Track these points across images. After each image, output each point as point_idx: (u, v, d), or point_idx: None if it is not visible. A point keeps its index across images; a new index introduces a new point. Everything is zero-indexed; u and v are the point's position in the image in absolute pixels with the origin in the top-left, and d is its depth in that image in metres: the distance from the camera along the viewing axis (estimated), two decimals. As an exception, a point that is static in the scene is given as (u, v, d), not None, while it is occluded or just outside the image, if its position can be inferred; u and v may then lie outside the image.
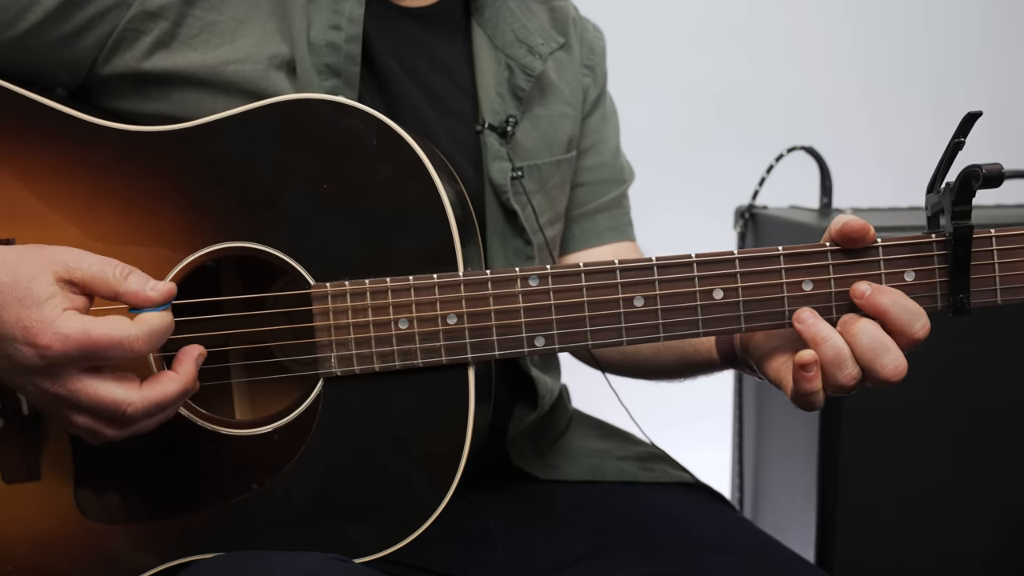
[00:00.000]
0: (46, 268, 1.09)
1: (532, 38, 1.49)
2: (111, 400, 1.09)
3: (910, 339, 1.15)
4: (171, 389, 1.13)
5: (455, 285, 1.20)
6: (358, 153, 1.20)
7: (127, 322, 1.08)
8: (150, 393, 1.11)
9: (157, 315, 1.11)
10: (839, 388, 1.16)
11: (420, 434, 1.22)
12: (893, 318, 1.15)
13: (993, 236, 1.17)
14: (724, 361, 1.38)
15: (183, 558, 1.23)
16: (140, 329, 1.08)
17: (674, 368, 1.51)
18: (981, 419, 1.98)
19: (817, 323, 1.17)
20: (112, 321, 1.08)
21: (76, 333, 1.06)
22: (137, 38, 1.29)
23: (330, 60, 1.31)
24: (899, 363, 1.15)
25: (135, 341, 1.08)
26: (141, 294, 1.11)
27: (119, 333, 1.07)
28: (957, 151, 1.15)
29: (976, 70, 3.28)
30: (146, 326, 1.09)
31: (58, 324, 1.06)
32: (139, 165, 1.22)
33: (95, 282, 1.10)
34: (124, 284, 1.10)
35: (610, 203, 1.68)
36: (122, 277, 1.11)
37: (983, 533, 2.00)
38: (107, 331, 1.07)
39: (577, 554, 1.42)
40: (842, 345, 1.15)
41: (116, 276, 1.10)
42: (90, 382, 1.09)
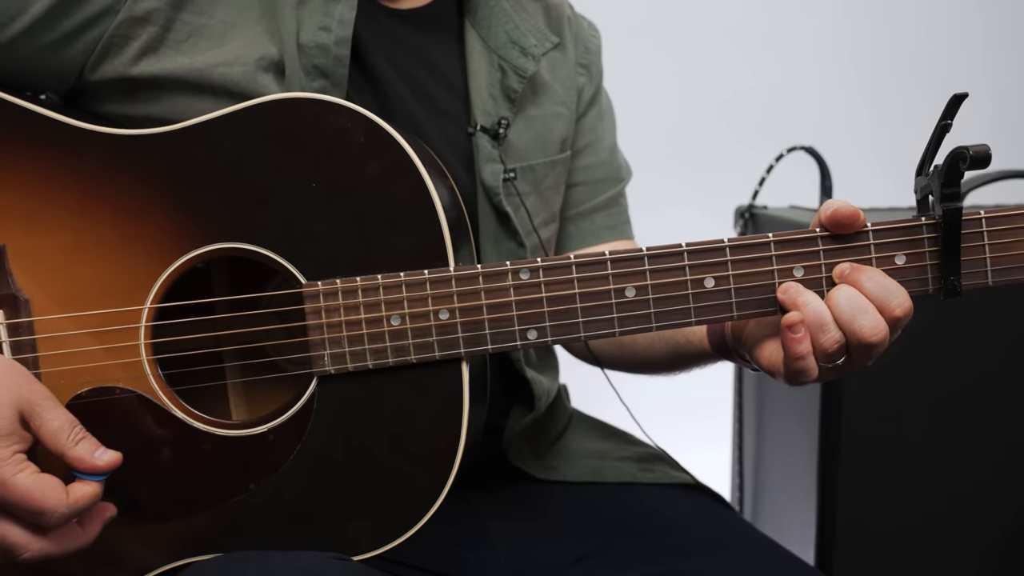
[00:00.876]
0: (13, 401, 1.12)
1: (525, 39, 1.48)
2: (11, 542, 1.12)
3: (889, 316, 1.15)
4: (70, 545, 1.16)
5: (446, 280, 1.20)
6: (347, 151, 1.20)
7: (61, 495, 1.11)
8: (49, 547, 1.14)
9: (90, 489, 1.14)
10: (825, 354, 1.15)
11: (415, 430, 1.22)
12: (869, 294, 1.15)
13: (983, 217, 1.16)
14: (716, 352, 1.37)
15: (181, 560, 1.23)
16: (68, 508, 1.12)
17: (667, 360, 1.51)
18: (981, 419, 1.98)
19: (799, 290, 1.17)
20: (50, 488, 1.11)
21: (16, 486, 1.10)
22: (126, 43, 1.29)
23: (318, 61, 1.31)
24: (877, 323, 1.14)
25: (59, 516, 1.12)
26: (87, 461, 1.14)
27: (49, 505, 1.11)
28: (944, 133, 1.15)
29: (976, 70, 3.28)
30: (75, 506, 1.13)
31: (3, 468, 1.10)
32: (129, 168, 1.22)
33: (48, 436, 1.13)
34: (73, 450, 1.14)
35: (607, 202, 1.67)
36: (73, 442, 1.14)
37: (983, 533, 2.00)
38: (41, 497, 1.10)
39: (576, 555, 1.41)
40: (823, 309, 1.15)
41: (68, 440, 1.14)
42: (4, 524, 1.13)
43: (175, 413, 1.22)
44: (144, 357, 1.21)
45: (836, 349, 1.15)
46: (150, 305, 1.22)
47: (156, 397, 1.22)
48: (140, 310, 1.22)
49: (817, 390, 1.95)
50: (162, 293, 1.22)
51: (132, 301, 1.22)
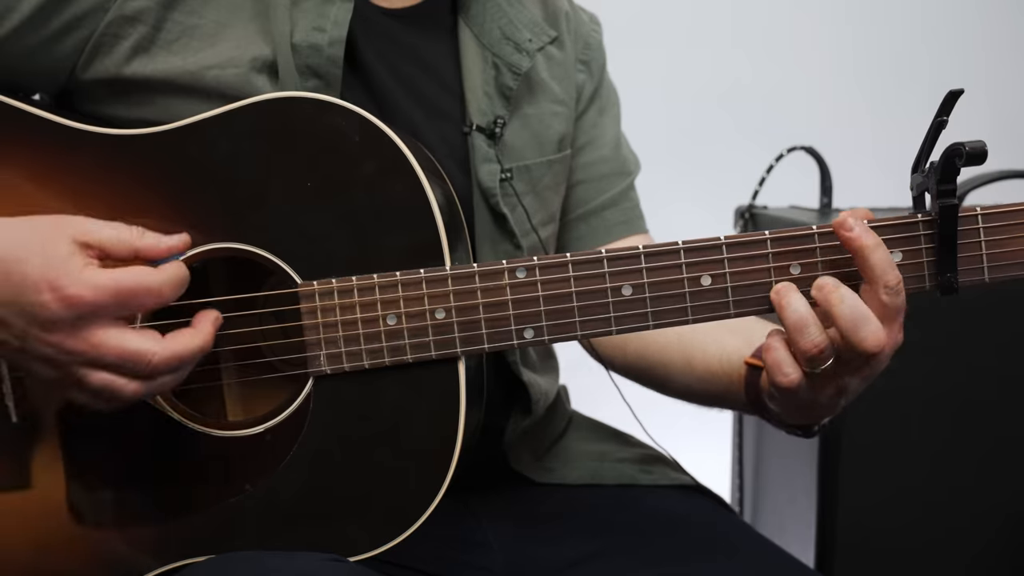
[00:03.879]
0: (63, 231, 1.12)
1: (519, 34, 1.46)
2: (134, 350, 1.12)
3: (884, 285, 1.13)
4: (192, 343, 1.16)
5: (442, 279, 1.19)
6: (342, 150, 1.20)
7: (151, 270, 1.13)
8: (172, 345, 1.14)
9: (176, 264, 1.16)
10: (806, 357, 1.14)
11: (412, 430, 1.21)
12: (872, 262, 1.14)
13: (979, 214, 1.16)
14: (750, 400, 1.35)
15: (178, 561, 1.22)
16: (166, 276, 1.14)
17: (704, 396, 1.51)
18: (980, 419, 1.98)
19: (789, 292, 1.16)
20: (138, 270, 1.13)
21: (106, 282, 1.10)
22: (116, 43, 1.29)
23: (312, 61, 1.31)
24: (879, 335, 1.13)
25: (162, 286, 1.13)
26: (161, 244, 1.16)
27: (147, 280, 1.12)
28: (940, 130, 1.15)
29: (976, 70, 3.27)
30: (169, 274, 1.14)
31: (86, 275, 1.10)
32: (123, 168, 1.22)
33: (111, 243, 1.14)
34: (142, 240, 1.15)
35: (617, 196, 1.64)
36: (139, 235, 1.15)
37: (982, 532, 2.00)
38: (136, 278, 1.12)
39: (575, 558, 1.41)
40: (806, 311, 1.14)
41: (132, 235, 1.15)
42: (114, 333, 1.12)
43: (171, 414, 1.22)
44: None
45: (817, 352, 1.14)
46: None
47: (152, 398, 1.21)
48: (135, 311, 1.21)
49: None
50: (158, 293, 1.21)
51: (128, 302, 1.21)
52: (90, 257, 1.12)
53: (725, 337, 1.41)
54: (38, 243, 1.10)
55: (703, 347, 1.44)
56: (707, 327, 1.39)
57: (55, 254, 1.10)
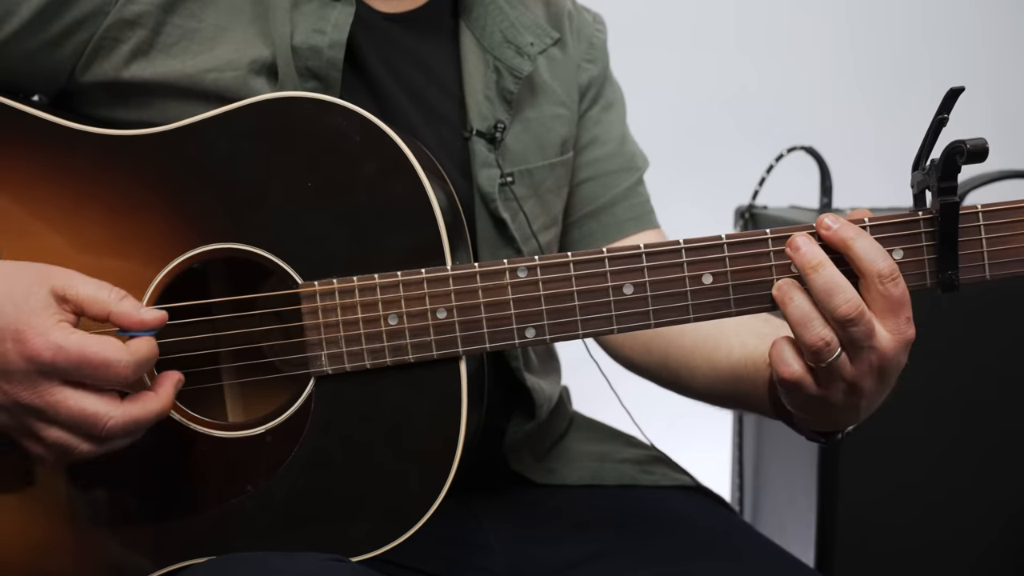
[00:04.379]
0: (44, 281, 1.10)
1: (521, 37, 1.46)
2: (92, 412, 1.09)
3: (877, 275, 1.13)
4: (151, 408, 1.13)
5: (443, 279, 1.19)
6: (342, 150, 1.20)
7: (120, 346, 1.09)
8: (130, 409, 1.12)
9: (147, 342, 1.12)
10: (811, 352, 1.14)
11: (414, 431, 1.21)
12: (857, 252, 1.14)
13: (980, 211, 1.16)
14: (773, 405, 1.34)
15: (179, 562, 1.22)
16: (131, 356, 1.09)
17: (729, 399, 1.50)
18: (980, 420, 1.98)
19: (791, 288, 1.16)
20: (107, 342, 1.09)
21: (71, 346, 1.07)
22: (115, 46, 1.29)
23: (312, 64, 1.31)
24: (852, 300, 1.12)
25: (125, 367, 1.09)
26: (134, 316, 1.12)
27: (112, 355, 1.08)
28: (941, 128, 1.14)
29: (976, 70, 3.27)
30: (137, 354, 1.10)
31: (53, 333, 1.07)
32: (122, 169, 1.22)
33: (89, 301, 1.11)
34: (118, 306, 1.11)
35: (626, 192, 1.63)
36: (117, 299, 1.12)
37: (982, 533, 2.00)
38: (100, 350, 1.08)
39: (576, 558, 1.40)
40: (808, 307, 1.14)
41: (111, 298, 1.12)
42: (72, 393, 1.09)
43: (172, 415, 1.21)
44: None
45: (821, 345, 1.13)
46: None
47: None
48: (136, 311, 1.21)
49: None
50: (158, 294, 1.22)
51: (128, 303, 1.21)
52: (65, 311, 1.10)
53: (751, 341, 1.40)
54: (15, 291, 1.09)
55: (728, 351, 1.43)
56: (732, 330, 1.40)
57: (29, 305, 1.08)
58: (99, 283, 1.12)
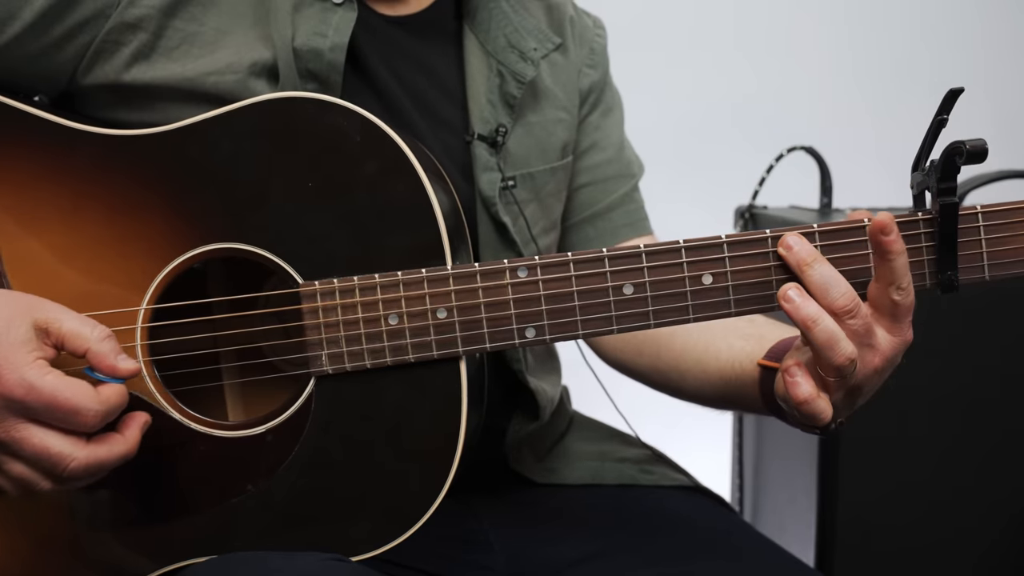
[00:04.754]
0: (25, 314, 1.11)
1: (524, 42, 1.46)
2: (56, 452, 1.10)
3: (897, 287, 1.14)
4: (115, 451, 1.14)
5: (444, 279, 1.19)
6: (343, 150, 1.20)
7: (91, 394, 1.10)
8: (94, 452, 1.12)
9: (117, 392, 1.12)
10: (836, 369, 1.14)
11: (414, 430, 1.21)
12: (895, 264, 1.14)
13: (979, 212, 1.16)
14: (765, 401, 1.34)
15: (179, 562, 1.23)
16: (100, 405, 1.10)
17: (719, 400, 1.49)
18: (980, 419, 1.98)
19: (806, 303, 1.15)
20: (79, 388, 1.10)
21: (43, 388, 1.08)
22: (116, 50, 1.29)
23: (313, 66, 1.31)
24: (848, 291, 1.14)
25: (93, 416, 1.10)
26: (109, 360, 1.12)
27: (81, 403, 1.09)
28: (940, 129, 1.15)
29: (976, 70, 3.27)
30: (107, 403, 1.11)
31: (28, 371, 1.08)
32: (123, 169, 1.22)
33: (70, 336, 1.12)
34: (98, 345, 1.12)
35: (622, 199, 1.64)
36: (98, 338, 1.12)
37: (982, 533, 2.00)
38: (71, 396, 1.09)
39: (576, 558, 1.41)
40: (834, 327, 1.13)
41: (92, 335, 1.12)
42: (37, 431, 1.10)
43: (172, 415, 1.22)
44: (140, 358, 1.20)
45: (848, 363, 1.14)
46: (146, 306, 1.21)
47: (153, 399, 1.21)
48: (136, 311, 1.22)
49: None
50: (158, 294, 1.22)
51: (128, 302, 1.22)
52: (46, 345, 1.11)
53: (737, 342, 1.40)
54: None
55: (716, 353, 1.43)
56: (720, 332, 1.40)
57: (8, 338, 1.08)
58: (84, 319, 1.13)
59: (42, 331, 1.11)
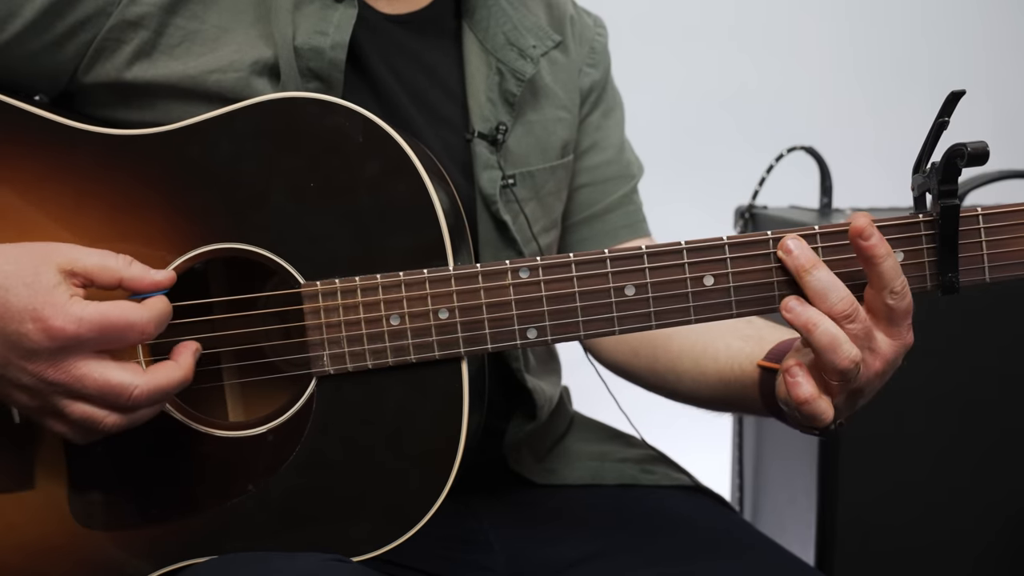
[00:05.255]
0: (49, 259, 1.12)
1: (524, 40, 1.46)
2: (117, 383, 1.11)
3: (890, 291, 1.14)
4: (174, 376, 1.16)
5: (446, 279, 1.20)
6: (344, 151, 1.20)
7: (137, 306, 1.13)
8: (154, 378, 1.14)
9: (161, 300, 1.15)
10: (840, 372, 1.14)
11: (415, 431, 1.21)
12: (882, 268, 1.14)
13: (980, 214, 1.17)
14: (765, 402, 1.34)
15: (180, 562, 1.22)
16: (151, 313, 1.13)
17: (713, 398, 1.49)
18: (979, 419, 1.98)
19: (806, 310, 1.15)
20: (124, 305, 1.12)
21: (91, 315, 1.10)
22: (117, 47, 1.29)
23: (314, 64, 1.31)
24: (847, 296, 1.15)
25: (147, 324, 1.13)
26: (147, 278, 1.15)
27: (133, 316, 1.12)
28: (942, 131, 1.15)
29: (976, 70, 3.28)
30: (154, 311, 1.14)
31: (71, 307, 1.09)
32: (124, 169, 1.22)
33: (98, 270, 1.13)
34: (128, 271, 1.14)
35: (620, 200, 1.64)
36: (125, 265, 1.14)
37: (982, 532, 2.00)
38: (122, 313, 1.11)
39: (576, 558, 1.41)
40: (835, 330, 1.14)
41: (119, 264, 1.14)
42: (96, 365, 1.11)
43: (173, 414, 1.22)
44: (141, 358, 1.20)
45: (852, 366, 1.14)
46: None
47: None
48: (138, 311, 1.21)
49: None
50: (160, 294, 1.22)
51: (130, 302, 1.22)
52: (75, 286, 1.12)
53: (736, 343, 1.40)
54: (24, 272, 1.10)
55: (715, 355, 1.43)
56: (718, 333, 1.40)
57: (41, 284, 1.09)
58: (103, 252, 1.15)
59: (68, 273, 1.12)
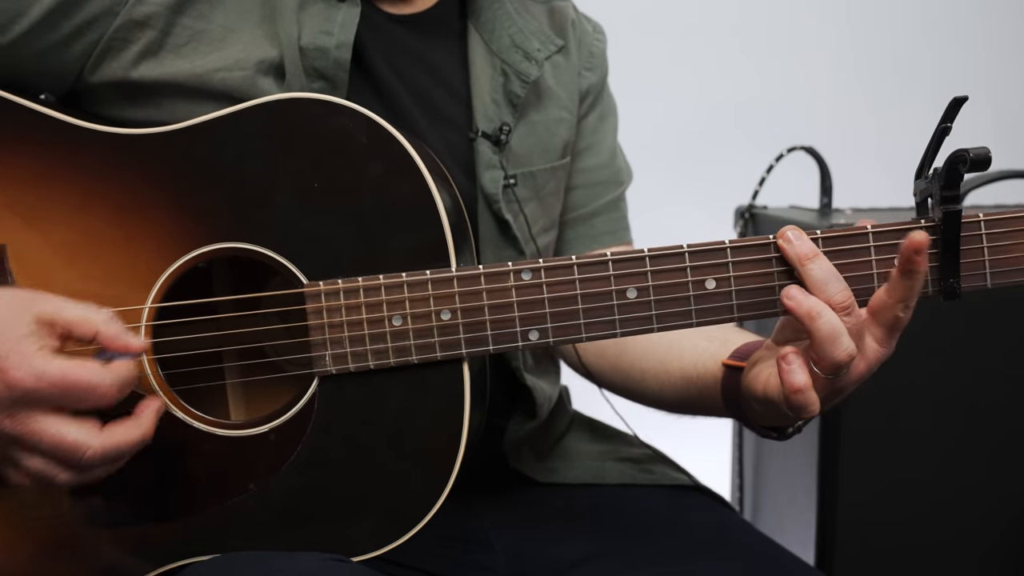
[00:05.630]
0: (26, 308, 1.10)
1: (529, 43, 1.47)
2: (72, 441, 1.10)
3: (905, 304, 1.14)
4: (131, 435, 1.14)
5: (448, 280, 1.20)
6: (348, 151, 1.20)
7: (101, 369, 1.10)
8: (110, 438, 1.12)
9: (127, 364, 1.12)
10: (835, 365, 1.14)
11: (416, 431, 1.22)
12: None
13: (982, 220, 1.17)
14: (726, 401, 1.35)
15: (180, 560, 1.23)
16: (114, 377, 1.10)
17: (679, 400, 1.49)
18: (981, 420, 1.98)
19: (808, 298, 1.15)
20: (89, 366, 1.10)
21: (53, 372, 1.08)
22: (124, 47, 1.29)
23: (319, 64, 1.31)
24: (845, 288, 1.15)
25: (108, 388, 1.10)
26: (118, 340, 1.12)
27: (95, 378, 1.09)
28: (944, 136, 1.15)
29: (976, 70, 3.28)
30: (119, 375, 1.11)
31: (35, 360, 1.08)
32: (130, 167, 1.23)
33: (77, 322, 1.11)
34: (105, 326, 1.12)
35: (607, 206, 1.65)
36: (104, 320, 1.12)
37: (983, 533, 2.00)
38: (83, 374, 1.09)
39: (576, 557, 1.41)
40: (837, 321, 1.13)
41: (98, 319, 1.12)
42: (52, 422, 1.09)
43: (175, 413, 1.22)
44: (144, 356, 1.21)
45: (848, 360, 1.14)
46: (151, 304, 1.22)
47: None
48: (141, 309, 1.22)
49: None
50: (163, 292, 1.22)
51: (133, 300, 1.22)
52: (50, 338, 1.10)
53: (701, 343, 1.42)
54: (0, 318, 1.09)
55: (679, 352, 1.44)
56: (684, 334, 1.39)
57: (10, 333, 1.08)
58: (85, 306, 1.13)
59: (47, 324, 1.10)
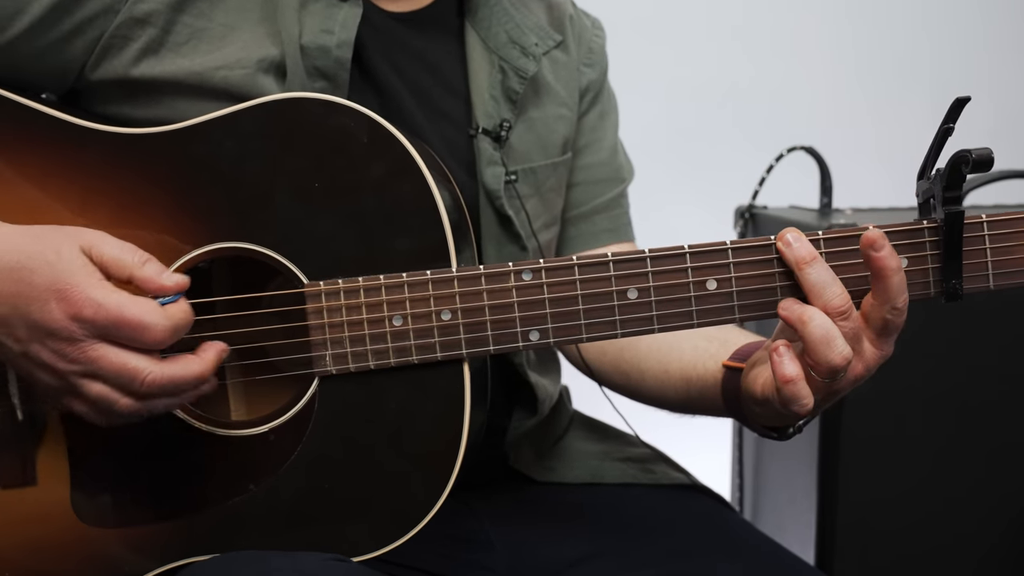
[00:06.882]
0: (72, 240, 1.12)
1: (526, 38, 1.47)
2: (132, 367, 1.11)
3: (892, 306, 1.14)
4: (190, 369, 1.15)
5: (449, 281, 1.20)
6: (349, 151, 1.20)
7: (157, 309, 1.11)
8: (169, 368, 1.13)
9: (182, 308, 1.13)
10: (831, 369, 1.14)
11: (416, 431, 1.22)
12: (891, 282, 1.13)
13: (984, 221, 1.17)
14: (726, 402, 1.35)
15: (181, 560, 1.23)
16: (168, 320, 1.11)
17: (678, 399, 1.49)
18: (979, 420, 1.98)
19: (799, 305, 1.15)
20: (145, 304, 1.11)
21: (110, 305, 1.09)
22: (125, 45, 1.29)
23: (320, 63, 1.31)
24: (843, 293, 1.14)
25: (161, 331, 1.11)
26: (156, 281, 1.13)
27: (149, 318, 1.10)
28: (947, 137, 1.15)
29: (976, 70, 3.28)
30: (173, 319, 1.12)
31: (93, 291, 1.09)
32: (130, 167, 1.23)
33: (112, 262, 1.13)
34: (141, 270, 1.13)
35: (608, 203, 1.65)
36: (140, 263, 1.13)
37: (982, 533, 2.00)
38: (139, 312, 1.10)
39: (576, 557, 1.41)
40: (830, 325, 1.13)
41: (134, 261, 1.13)
42: (111, 348, 1.11)
43: (176, 413, 1.22)
44: None
45: (844, 363, 1.13)
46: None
47: None
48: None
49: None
50: (164, 292, 1.22)
51: (133, 300, 1.22)
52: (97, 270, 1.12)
53: (701, 343, 1.42)
54: (47, 252, 1.10)
55: (679, 353, 1.45)
56: (685, 335, 1.39)
57: (65, 265, 1.10)
58: (124, 245, 1.14)
59: (88, 255, 1.12)
